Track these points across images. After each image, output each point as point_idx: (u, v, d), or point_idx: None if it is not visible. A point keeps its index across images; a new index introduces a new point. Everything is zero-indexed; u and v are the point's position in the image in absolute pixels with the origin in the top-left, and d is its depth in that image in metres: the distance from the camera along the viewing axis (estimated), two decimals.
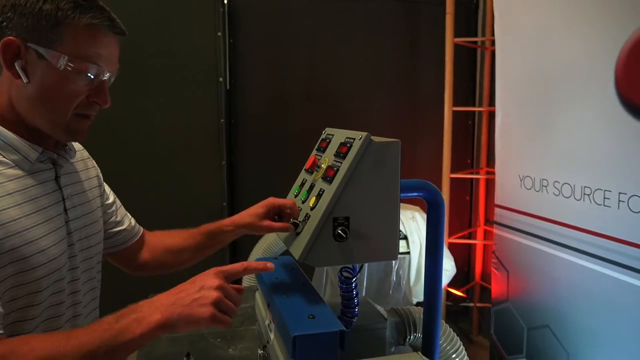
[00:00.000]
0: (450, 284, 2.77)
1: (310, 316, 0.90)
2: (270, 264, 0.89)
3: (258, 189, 2.76)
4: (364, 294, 2.32)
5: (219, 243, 1.13)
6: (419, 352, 1.01)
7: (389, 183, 0.97)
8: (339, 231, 0.94)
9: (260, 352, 0.93)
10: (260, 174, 3.03)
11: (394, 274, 2.33)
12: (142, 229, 1.18)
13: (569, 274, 2.03)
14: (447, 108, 2.81)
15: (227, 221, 1.09)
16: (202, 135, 2.88)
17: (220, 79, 2.83)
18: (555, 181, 2.04)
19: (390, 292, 2.34)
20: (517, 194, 2.30)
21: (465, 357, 1.23)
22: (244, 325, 1.36)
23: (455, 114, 2.84)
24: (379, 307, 1.20)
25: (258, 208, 1.03)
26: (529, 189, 2.21)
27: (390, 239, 0.98)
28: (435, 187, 1.12)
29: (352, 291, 1.05)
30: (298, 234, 0.99)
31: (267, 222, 1.03)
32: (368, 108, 3.12)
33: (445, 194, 2.78)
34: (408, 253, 2.32)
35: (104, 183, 1.15)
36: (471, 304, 3.13)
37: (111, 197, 1.16)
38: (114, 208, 1.15)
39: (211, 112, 2.85)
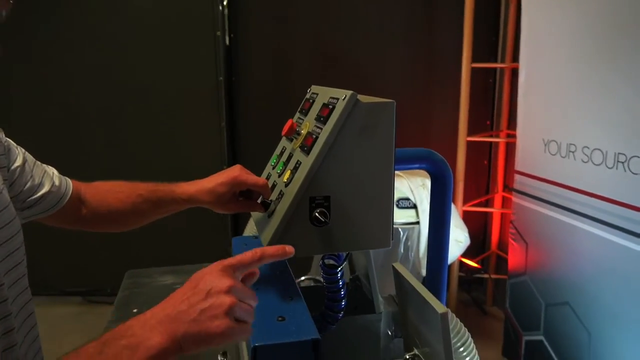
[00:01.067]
0: (464, 254, 2.60)
1: (280, 318, 0.74)
2: (290, 248, 0.68)
3: (261, 152, 2.58)
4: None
5: (168, 212, 0.93)
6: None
7: (381, 153, 0.78)
8: (317, 214, 0.76)
9: (220, 358, 0.78)
10: (263, 136, 2.84)
11: (401, 245, 2.16)
12: (71, 185, 0.95)
13: (594, 248, 1.83)
14: (465, 64, 2.56)
15: (181, 190, 0.88)
16: (200, 95, 2.70)
17: (218, 33, 2.62)
18: (585, 146, 1.82)
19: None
20: (541, 159, 2.09)
21: (476, 355, 1.06)
22: None
23: (474, 71, 2.59)
24: (375, 290, 1.03)
25: (219, 185, 0.84)
26: (554, 155, 1.99)
27: (382, 222, 0.80)
28: (441, 157, 0.93)
29: (337, 282, 0.88)
30: (270, 215, 0.82)
31: (229, 205, 0.85)
32: (379, 66, 2.88)
33: (461, 159, 2.57)
34: (417, 223, 2.14)
35: (7, 140, 0.86)
36: (486, 275, 2.96)
37: (19, 158, 0.86)
38: (27, 170, 0.88)
39: (208, 69, 2.65)
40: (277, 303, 0.79)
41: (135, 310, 1.23)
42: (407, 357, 0.82)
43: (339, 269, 0.87)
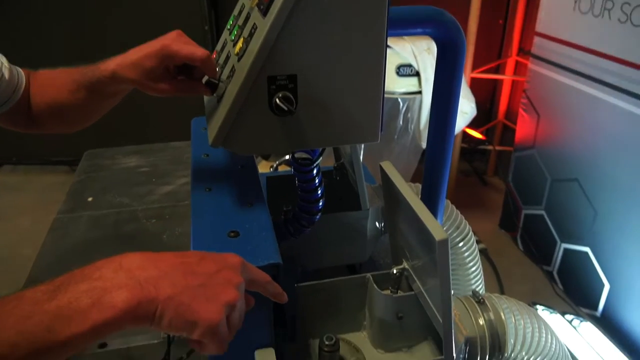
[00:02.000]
0: (468, 124, 2.42)
1: (232, 233, 0.58)
2: (285, 296, 0.55)
3: None
4: None
5: (105, 97, 0.72)
6: None
7: (369, 14, 0.55)
8: (278, 100, 0.56)
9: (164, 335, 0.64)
10: None
11: (400, 117, 1.96)
12: (23, 76, 0.78)
13: (615, 123, 1.64)
14: None
15: (104, 66, 0.66)
16: None
17: None
18: (625, 2, 1.52)
19: (396, 137, 2.01)
20: (568, 19, 1.79)
21: (476, 249, 0.93)
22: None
23: None
24: (362, 184, 0.87)
25: (145, 58, 0.62)
26: (585, 13, 1.70)
27: (368, 109, 0.60)
28: (452, 18, 0.69)
29: (312, 180, 0.71)
30: (220, 100, 0.61)
31: (161, 85, 0.64)
32: None
33: (474, 18, 2.24)
34: (420, 92, 1.92)
35: None
36: (490, 147, 2.81)
37: None
38: None
39: None
40: (231, 211, 0.63)
41: (90, 199, 1.09)
42: (395, 271, 0.68)
43: (314, 164, 0.69)
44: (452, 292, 0.54)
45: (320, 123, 0.59)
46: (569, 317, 1.74)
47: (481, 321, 0.65)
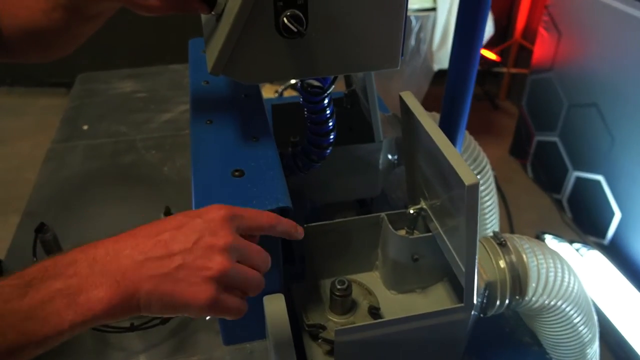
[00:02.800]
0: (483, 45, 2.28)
1: (237, 173, 0.53)
2: (300, 231, 0.50)
3: None
4: None
5: (88, 18, 0.64)
6: None
7: None
8: (286, 19, 0.48)
9: (163, 217, 0.59)
10: None
11: (413, 37, 1.84)
12: None
13: None
14: None
15: None
16: None
17: None
18: None
19: (407, 58, 1.90)
20: None
21: (492, 183, 0.89)
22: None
23: None
24: (376, 114, 0.80)
25: None
26: None
27: (387, 30, 0.52)
28: None
29: (323, 111, 0.64)
30: (219, 19, 0.53)
31: (151, 1, 0.55)
32: None
33: None
34: (434, 9, 1.78)
35: None
36: (504, 69, 2.67)
37: None
38: None
39: None
40: (235, 146, 0.57)
41: (85, 127, 1.02)
42: (411, 211, 0.63)
43: (326, 93, 0.62)
44: None
45: (333, 47, 0.52)
46: (576, 245, 1.73)
47: (502, 264, 0.61)
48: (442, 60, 1.98)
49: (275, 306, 0.56)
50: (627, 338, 1.45)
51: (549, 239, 1.76)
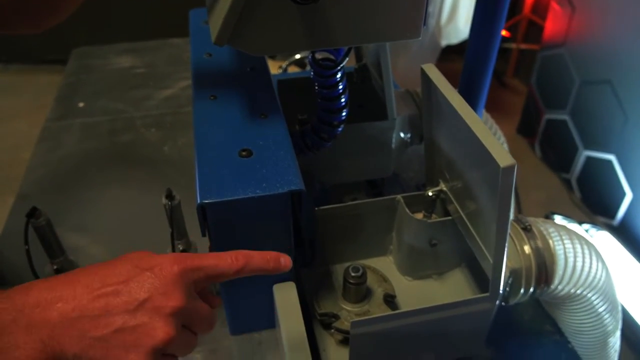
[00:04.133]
0: None
1: (244, 153, 0.49)
2: (286, 261, 0.42)
3: None
4: None
5: None
6: None
7: None
8: None
9: (165, 200, 0.55)
10: None
11: None
12: None
13: None
14: None
15: None
16: None
17: None
18: None
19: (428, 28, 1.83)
20: None
21: (504, 143, 0.84)
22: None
23: None
24: (390, 90, 0.75)
25: None
26: None
27: None
28: None
29: (336, 86, 0.59)
30: None
31: None
32: None
33: None
34: None
35: None
36: (513, 45, 2.60)
37: None
38: None
39: None
40: (241, 124, 0.53)
41: (81, 105, 0.97)
42: (430, 194, 0.59)
43: (339, 67, 0.57)
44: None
45: (350, 14, 0.47)
46: (585, 226, 1.70)
47: (527, 250, 0.57)
48: (450, 35, 1.92)
49: (286, 295, 0.52)
50: (636, 319, 1.43)
51: (558, 220, 1.72)
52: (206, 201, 0.43)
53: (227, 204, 0.44)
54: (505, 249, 0.45)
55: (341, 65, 0.57)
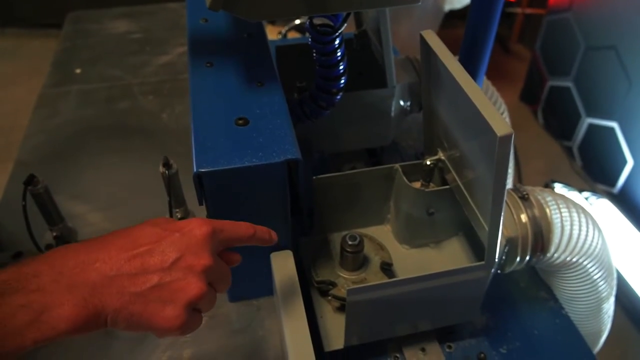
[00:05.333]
0: None
1: (240, 121, 0.48)
2: (273, 235, 0.45)
3: None
4: None
5: None
6: None
7: None
8: None
9: (162, 169, 0.55)
10: None
11: None
12: None
13: None
14: None
15: None
16: None
17: None
18: None
19: None
20: None
21: (507, 116, 0.84)
22: None
23: None
24: (389, 56, 0.74)
25: None
26: None
27: None
28: None
29: (334, 53, 0.58)
30: None
31: None
32: None
33: None
34: None
35: None
36: (518, 10, 2.55)
37: None
38: None
39: None
40: (238, 92, 0.52)
41: (78, 71, 0.96)
42: (428, 162, 0.59)
43: (337, 33, 0.56)
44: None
45: None
46: (585, 194, 1.70)
47: (524, 218, 0.57)
48: (453, 0, 1.88)
49: (283, 263, 0.53)
50: (634, 287, 1.45)
51: (558, 188, 1.72)
52: (202, 170, 0.43)
53: (223, 173, 0.44)
54: (502, 217, 0.45)
55: (339, 31, 0.56)
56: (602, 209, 1.65)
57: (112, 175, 0.77)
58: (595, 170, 1.86)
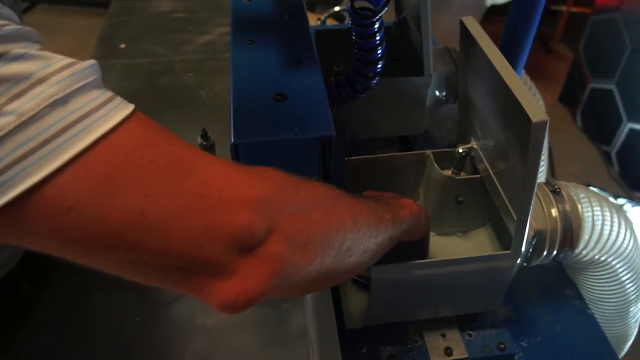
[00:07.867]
0: None
1: (279, 97, 0.50)
2: None
3: None
4: None
5: None
6: None
7: None
8: None
9: (200, 140, 0.57)
10: None
11: None
12: None
13: None
14: None
15: None
16: None
17: None
18: None
19: None
20: None
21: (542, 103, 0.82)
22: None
23: None
24: (428, 45, 0.74)
25: None
26: None
27: None
28: None
29: (373, 36, 0.59)
30: None
31: None
32: None
33: None
34: None
35: None
36: (563, 8, 2.48)
37: None
38: None
39: None
40: (277, 69, 0.53)
41: (122, 46, 0.99)
42: (460, 151, 0.59)
43: (377, 17, 0.57)
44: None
45: None
46: (621, 200, 1.66)
47: (554, 212, 0.57)
48: None
49: None
50: None
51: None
52: (240, 141, 0.45)
53: (259, 145, 0.45)
54: (531, 208, 0.45)
55: (379, 15, 0.56)
56: (637, 216, 1.60)
57: None
58: (634, 177, 1.80)
